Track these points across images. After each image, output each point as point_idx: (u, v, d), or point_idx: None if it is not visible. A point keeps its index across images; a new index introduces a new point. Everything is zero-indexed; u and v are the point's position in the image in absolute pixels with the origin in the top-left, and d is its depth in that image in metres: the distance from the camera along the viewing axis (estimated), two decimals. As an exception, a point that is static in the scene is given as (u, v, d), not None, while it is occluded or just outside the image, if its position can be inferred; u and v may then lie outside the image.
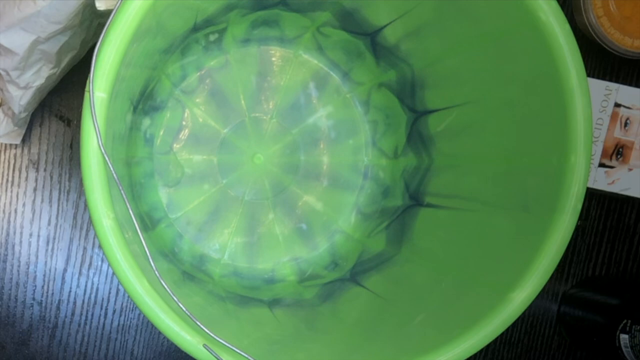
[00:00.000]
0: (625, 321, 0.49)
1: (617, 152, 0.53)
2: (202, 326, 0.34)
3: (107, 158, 0.33)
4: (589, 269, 0.56)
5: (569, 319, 0.55)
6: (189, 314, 0.34)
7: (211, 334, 0.34)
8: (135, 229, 0.34)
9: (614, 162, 0.53)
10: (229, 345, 0.35)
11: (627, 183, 0.54)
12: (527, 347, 0.56)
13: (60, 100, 0.51)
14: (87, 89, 0.33)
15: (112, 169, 0.33)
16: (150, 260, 0.34)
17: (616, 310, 0.50)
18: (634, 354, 0.48)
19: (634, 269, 0.57)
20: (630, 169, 0.53)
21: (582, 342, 0.55)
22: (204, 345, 0.35)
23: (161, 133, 0.49)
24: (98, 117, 0.33)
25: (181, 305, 0.34)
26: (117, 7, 0.33)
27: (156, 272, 0.34)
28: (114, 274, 0.42)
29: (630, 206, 0.56)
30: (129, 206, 0.34)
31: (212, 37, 0.49)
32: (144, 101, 0.48)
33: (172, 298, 0.34)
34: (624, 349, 0.49)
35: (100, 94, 0.33)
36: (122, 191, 0.34)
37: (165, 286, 0.34)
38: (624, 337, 0.48)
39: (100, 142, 0.33)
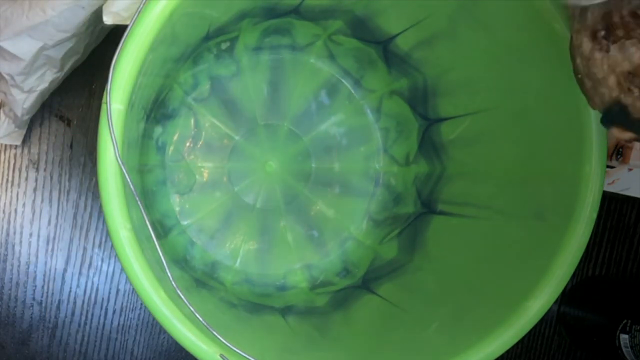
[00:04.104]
0: (625, 321, 0.49)
1: (617, 152, 0.53)
2: (221, 338, 0.34)
3: (124, 170, 0.33)
4: (589, 269, 0.56)
5: (569, 319, 0.55)
6: (207, 325, 0.34)
7: (231, 346, 0.34)
8: (150, 236, 0.34)
9: (613, 162, 0.53)
10: (246, 355, 0.35)
11: (627, 183, 0.53)
12: (526, 347, 0.56)
13: (60, 100, 0.50)
14: (104, 100, 0.33)
15: (130, 182, 0.33)
16: (168, 271, 0.34)
17: (616, 310, 0.50)
18: (634, 354, 0.48)
19: (634, 269, 0.56)
20: (630, 169, 0.53)
21: (582, 342, 0.55)
22: (221, 355, 0.35)
23: (173, 141, 0.49)
24: (115, 129, 0.33)
25: (200, 318, 0.34)
26: (134, 18, 0.33)
27: (173, 283, 0.34)
28: (130, 283, 0.42)
29: (630, 206, 0.56)
30: (146, 218, 0.34)
31: (223, 46, 0.49)
32: (155, 109, 0.48)
33: (187, 306, 0.34)
34: (624, 349, 0.48)
35: (118, 105, 0.33)
36: (139, 203, 0.34)
37: (184, 298, 0.34)
38: (624, 337, 0.48)
39: (118, 154, 0.33)
